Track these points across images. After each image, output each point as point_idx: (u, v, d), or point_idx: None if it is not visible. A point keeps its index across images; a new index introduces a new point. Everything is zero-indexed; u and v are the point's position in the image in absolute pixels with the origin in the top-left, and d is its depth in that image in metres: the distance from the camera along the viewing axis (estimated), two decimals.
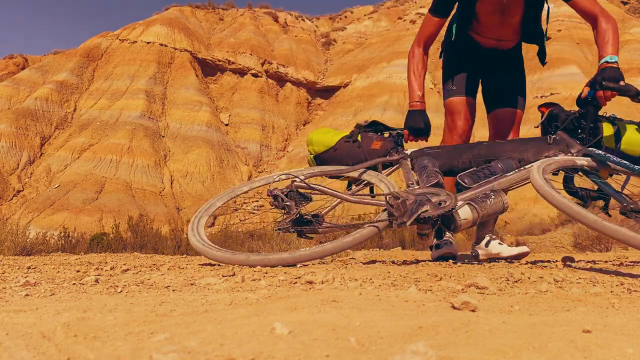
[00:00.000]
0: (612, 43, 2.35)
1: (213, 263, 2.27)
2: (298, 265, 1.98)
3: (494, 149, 2.34)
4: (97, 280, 1.57)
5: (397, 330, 0.80)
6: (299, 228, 2.23)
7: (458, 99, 2.77)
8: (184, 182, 26.53)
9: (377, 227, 2.08)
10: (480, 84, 2.89)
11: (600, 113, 2.32)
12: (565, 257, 2.74)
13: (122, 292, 1.36)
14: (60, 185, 24.52)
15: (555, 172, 2.19)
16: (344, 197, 2.30)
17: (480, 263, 2.30)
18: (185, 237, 8.40)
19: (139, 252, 6.34)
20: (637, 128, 2.32)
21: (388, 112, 26.35)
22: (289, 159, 26.75)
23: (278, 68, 33.77)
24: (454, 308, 1.00)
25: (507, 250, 2.59)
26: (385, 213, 2.10)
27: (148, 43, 32.27)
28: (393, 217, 2.01)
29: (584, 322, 0.86)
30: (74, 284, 1.51)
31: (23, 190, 24.76)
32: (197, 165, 27.20)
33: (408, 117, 2.57)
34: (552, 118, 2.38)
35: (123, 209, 22.32)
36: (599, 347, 0.70)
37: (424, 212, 1.99)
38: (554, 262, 2.33)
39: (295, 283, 1.47)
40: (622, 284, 1.40)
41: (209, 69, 33.61)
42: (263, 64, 33.76)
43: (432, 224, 2.03)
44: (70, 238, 8.02)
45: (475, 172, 2.23)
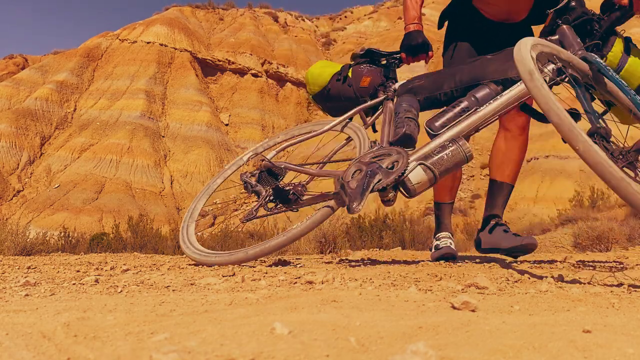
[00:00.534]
0: None
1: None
2: (298, 266, 1.98)
3: (476, 72, 2.05)
4: (97, 280, 1.57)
5: (397, 330, 0.80)
6: (279, 205, 2.14)
7: None
8: (184, 182, 26.53)
9: (330, 207, 2.00)
10: None
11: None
12: (566, 257, 2.69)
13: (122, 292, 1.36)
14: (60, 185, 24.52)
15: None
16: (311, 172, 2.19)
17: (481, 263, 2.22)
18: None
19: (139, 252, 6.34)
20: None
21: None
22: (289, 159, 26.79)
23: (278, 68, 33.77)
24: (454, 308, 1.00)
25: (509, 241, 2.28)
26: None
27: (148, 43, 32.27)
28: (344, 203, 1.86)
29: (584, 322, 0.86)
30: (74, 284, 1.51)
31: (23, 190, 24.76)
32: (197, 165, 27.21)
33: (404, 38, 2.35)
34: (565, 9, 1.97)
35: (123, 209, 22.32)
36: (599, 347, 0.70)
37: (378, 183, 1.83)
38: (554, 262, 2.33)
39: (295, 283, 1.47)
40: (622, 284, 1.40)
41: (209, 69, 33.61)
42: (263, 64, 33.76)
43: (393, 188, 1.88)
44: (70, 238, 8.01)
45: (444, 112, 1.98)
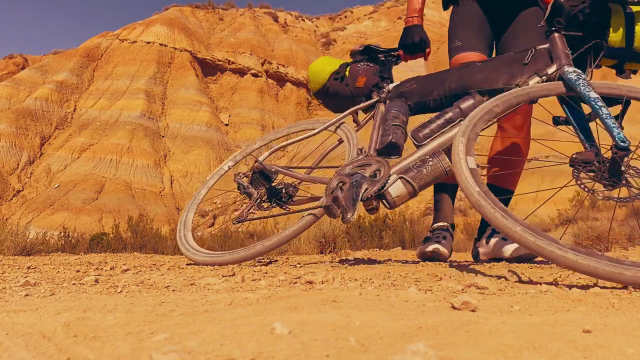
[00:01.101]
0: None
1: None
2: (298, 265, 1.98)
3: (465, 80, 2.00)
4: (97, 280, 1.57)
5: (397, 330, 0.80)
6: (274, 204, 2.17)
7: (464, 55, 2.31)
8: (184, 182, 26.54)
9: (314, 215, 2.01)
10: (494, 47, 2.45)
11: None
12: None
13: (122, 292, 1.36)
14: (60, 185, 24.52)
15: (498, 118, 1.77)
16: (300, 177, 2.20)
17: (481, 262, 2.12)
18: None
19: (139, 252, 6.34)
20: None
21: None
22: (289, 159, 26.82)
23: (278, 68, 33.77)
24: (454, 308, 1.00)
25: (511, 249, 2.13)
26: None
27: (148, 43, 32.28)
28: (335, 214, 1.85)
29: (584, 322, 0.86)
30: (74, 284, 1.51)
31: (23, 190, 24.76)
32: (197, 165, 27.21)
33: (402, 34, 2.31)
34: (555, 11, 1.84)
35: (123, 209, 22.33)
36: (599, 347, 0.70)
37: (365, 191, 1.83)
38: None
39: (295, 283, 1.47)
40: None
41: (209, 69, 33.61)
42: (263, 64, 33.76)
43: (376, 197, 1.86)
44: (70, 238, 8.02)
45: (430, 123, 1.95)
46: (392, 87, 2.24)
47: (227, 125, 30.71)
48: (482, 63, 2.03)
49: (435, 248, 2.23)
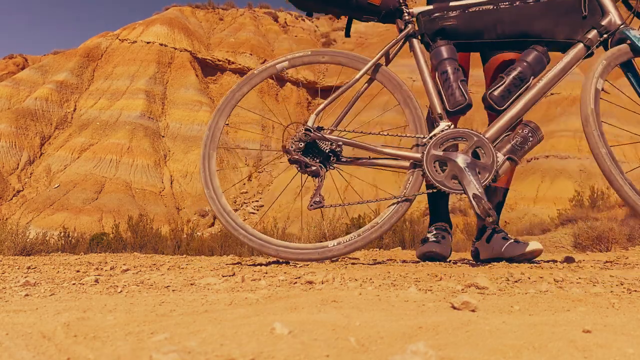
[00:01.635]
0: None
1: (224, 263, 2.27)
2: (298, 265, 1.98)
3: (521, 26, 1.88)
4: (97, 280, 1.57)
5: (397, 330, 0.80)
6: (321, 164, 1.92)
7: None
8: (184, 182, 26.54)
9: (410, 200, 1.87)
10: None
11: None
12: (565, 257, 2.62)
13: (122, 292, 1.36)
14: (60, 185, 24.52)
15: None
16: (376, 149, 1.92)
17: (480, 263, 2.07)
18: (185, 237, 8.39)
19: (139, 252, 6.34)
20: None
21: (388, 112, 26.38)
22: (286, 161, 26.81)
23: None
24: (454, 308, 1.00)
25: (511, 249, 2.10)
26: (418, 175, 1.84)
27: (148, 43, 32.28)
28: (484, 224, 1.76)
29: (584, 322, 0.86)
30: (74, 284, 1.51)
31: (23, 190, 24.77)
32: (197, 165, 27.21)
33: None
34: None
35: (123, 209, 22.33)
36: (599, 347, 0.70)
37: (486, 180, 1.75)
38: (554, 262, 2.33)
39: (295, 283, 1.47)
40: (622, 284, 1.40)
41: (209, 69, 33.61)
42: (263, 64, 33.73)
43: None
44: (70, 238, 8.02)
45: (501, 82, 1.87)
46: (419, 13, 2.00)
47: (227, 125, 30.71)
48: (535, 6, 1.89)
49: (435, 248, 2.20)
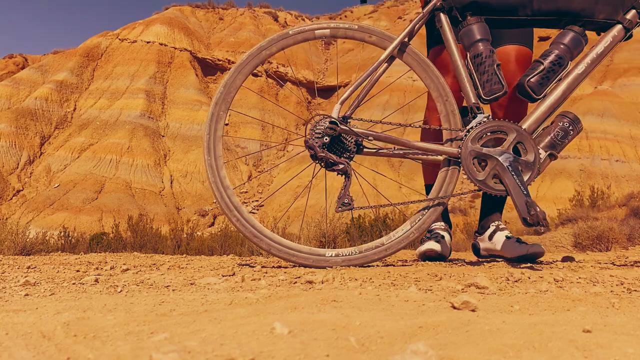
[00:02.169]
0: None
1: (224, 263, 2.26)
2: (298, 265, 1.97)
3: (559, 3, 1.74)
4: (97, 280, 1.57)
5: (397, 330, 0.79)
6: (347, 160, 1.76)
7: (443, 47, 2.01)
8: (184, 181, 26.54)
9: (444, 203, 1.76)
10: None
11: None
12: (565, 257, 2.59)
13: (122, 291, 1.36)
14: (60, 185, 24.53)
15: None
16: (411, 143, 1.77)
17: (481, 262, 2.05)
18: (185, 237, 8.38)
19: (139, 251, 6.34)
20: None
21: (388, 112, 26.36)
22: (289, 159, 26.84)
23: (278, 68, 33.77)
24: (454, 308, 1.00)
25: (513, 248, 2.05)
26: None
27: (148, 42, 32.28)
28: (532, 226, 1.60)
29: (584, 321, 0.86)
30: (74, 284, 1.51)
31: (23, 190, 24.77)
32: (196, 165, 27.22)
33: None
34: None
35: (123, 209, 22.34)
36: (599, 346, 0.70)
37: (529, 179, 1.64)
38: (554, 262, 2.33)
39: (295, 283, 1.47)
40: (622, 284, 1.40)
41: (209, 69, 33.62)
42: (263, 64, 33.75)
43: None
44: (70, 238, 8.02)
45: (537, 65, 1.73)
46: None
47: (227, 125, 30.71)
48: None
49: (435, 248, 2.16)
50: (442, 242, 2.21)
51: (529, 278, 1.50)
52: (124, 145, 26.56)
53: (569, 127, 1.71)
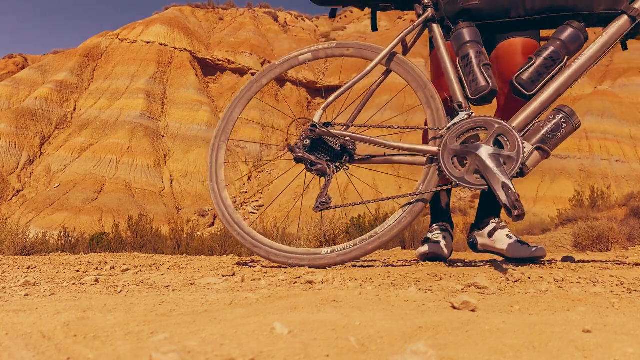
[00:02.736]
0: None
1: (225, 263, 2.27)
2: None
3: None
4: (97, 280, 1.57)
5: (397, 330, 0.79)
6: (334, 164, 1.81)
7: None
8: (184, 181, 26.54)
9: (425, 199, 1.72)
10: None
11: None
12: (565, 257, 2.56)
13: (122, 291, 1.36)
14: (60, 185, 24.53)
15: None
16: (388, 144, 1.78)
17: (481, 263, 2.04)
18: (185, 237, 8.38)
19: (139, 252, 6.34)
20: None
21: (387, 112, 26.36)
22: (289, 159, 26.82)
23: None
24: (454, 308, 1.00)
25: (514, 248, 2.01)
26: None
27: (148, 43, 32.28)
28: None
29: (584, 322, 0.86)
30: (74, 284, 1.51)
31: (23, 190, 24.77)
32: (196, 165, 27.22)
33: None
34: None
35: (123, 209, 22.34)
36: (599, 347, 0.70)
37: (512, 171, 1.59)
38: (554, 262, 2.33)
39: (295, 283, 1.47)
40: (622, 284, 1.40)
41: (209, 69, 33.63)
42: (263, 64, 33.76)
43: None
44: (70, 238, 8.02)
45: (531, 63, 1.69)
46: None
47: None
48: None
49: (435, 248, 2.13)
50: (442, 242, 2.19)
51: (529, 278, 1.50)
52: (124, 146, 26.56)
53: (562, 121, 1.63)
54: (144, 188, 24.97)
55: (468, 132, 1.69)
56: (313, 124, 1.81)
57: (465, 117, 1.72)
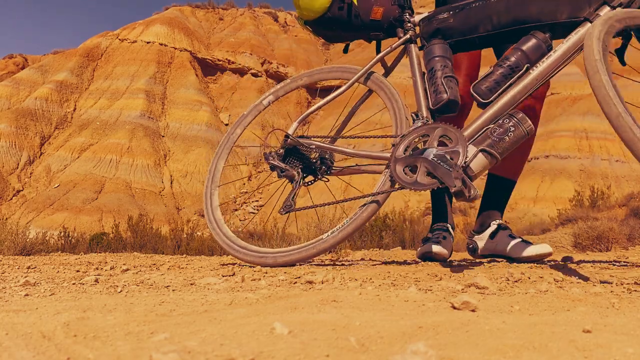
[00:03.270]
0: None
1: (224, 263, 2.27)
2: (297, 265, 1.97)
3: (516, 12, 1.73)
4: (97, 280, 1.57)
5: (397, 330, 0.80)
6: (311, 177, 1.96)
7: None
8: (184, 181, 26.53)
9: (378, 202, 1.81)
10: None
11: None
12: (565, 257, 2.55)
13: (122, 292, 1.36)
14: (60, 185, 24.53)
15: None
16: (350, 152, 1.91)
17: (480, 262, 2.00)
18: (185, 237, 8.39)
19: (139, 252, 6.34)
20: None
21: (388, 112, 26.35)
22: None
23: (278, 68, 33.78)
24: (454, 308, 1.00)
25: (519, 249, 1.99)
26: (388, 180, 1.76)
27: (148, 43, 32.27)
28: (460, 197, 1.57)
29: (584, 322, 0.86)
30: (74, 284, 1.51)
31: (23, 190, 24.77)
32: (196, 165, 27.21)
33: None
34: None
35: (123, 209, 22.34)
36: (599, 347, 0.70)
37: (460, 161, 1.61)
38: (554, 262, 2.33)
39: (295, 283, 1.47)
40: (622, 284, 1.40)
41: (209, 69, 33.62)
42: (263, 64, 33.77)
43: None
44: (70, 238, 8.02)
45: (491, 74, 1.72)
46: (419, 20, 1.96)
47: (227, 125, 30.69)
48: None
49: (435, 248, 2.12)
50: (442, 242, 2.18)
51: (529, 278, 1.50)
52: (124, 146, 26.56)
53: (511, 126, 1.65)
54: (144, 188, 24.97)
55: (417, 139, 1.76)
56: (286, 135, 1.97)
57: (420, 125, 1.80)
